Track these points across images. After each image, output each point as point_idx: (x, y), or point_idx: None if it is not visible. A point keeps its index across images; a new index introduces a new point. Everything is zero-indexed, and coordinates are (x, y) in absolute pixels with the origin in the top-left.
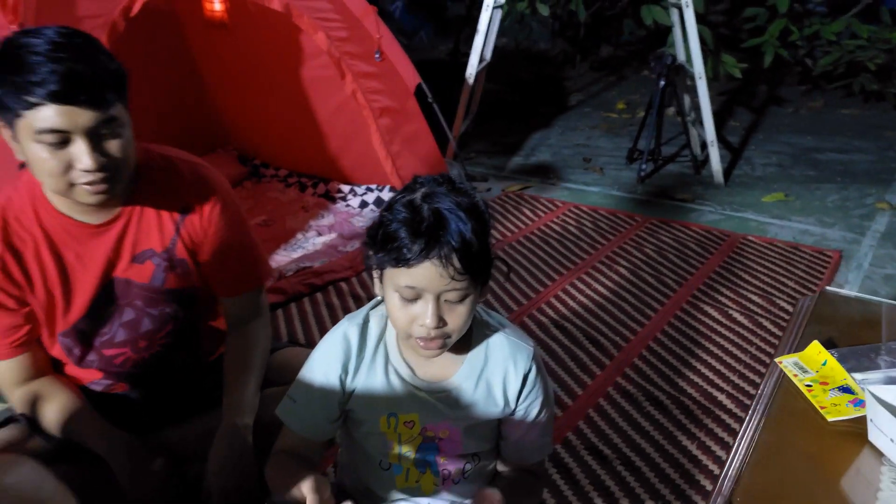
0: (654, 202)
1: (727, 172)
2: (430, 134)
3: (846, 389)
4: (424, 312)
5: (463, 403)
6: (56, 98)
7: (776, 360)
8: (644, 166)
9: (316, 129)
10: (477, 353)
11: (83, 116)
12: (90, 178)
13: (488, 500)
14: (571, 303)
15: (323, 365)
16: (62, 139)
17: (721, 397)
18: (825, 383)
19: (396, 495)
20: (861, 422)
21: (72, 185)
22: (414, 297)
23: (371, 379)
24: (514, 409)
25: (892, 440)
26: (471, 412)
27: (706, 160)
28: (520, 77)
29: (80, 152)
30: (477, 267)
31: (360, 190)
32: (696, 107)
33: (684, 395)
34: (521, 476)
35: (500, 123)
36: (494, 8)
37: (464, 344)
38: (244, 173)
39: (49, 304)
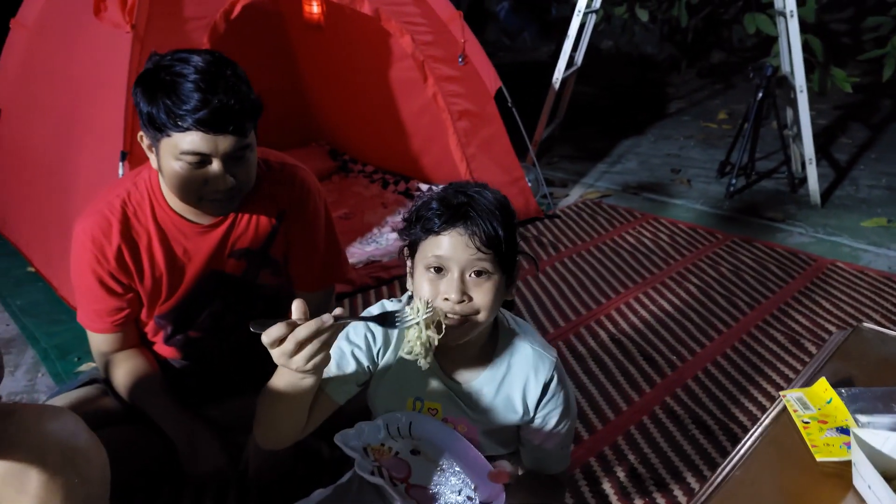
0: (739, 219)
1: (827, 192)
2: (507, 138)
3: (844, 431)
4: (450, 286)
5: (483, 407)
6: (204, 126)
7: (781, 393)
8: (734, 181)
9: (401, 129)
10: (501, 360)
11: (224, 143)
12: (220, 196)
13: (501, 469)
14: (632, 317)
15: (361, 328)
16: (202, 160)
17: None
18: (824, 422)
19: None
20: (850, 465)
21: (201, 199)
22: (439, 266)
23: (403, 359)
24: (533, 416)
25: (869, 486)
26: (490, 416)
27: (805, 178)
28: (619, 81)
29: (216, 174)
30: (501, 247)
31: (437, 189)
32: (798, 121)
33: (734, 423)
34: (544, 477)
35: (590, 129)
36: (587, 12)
37: (489, 350)
38: (333, 167)
39: (154, 291)
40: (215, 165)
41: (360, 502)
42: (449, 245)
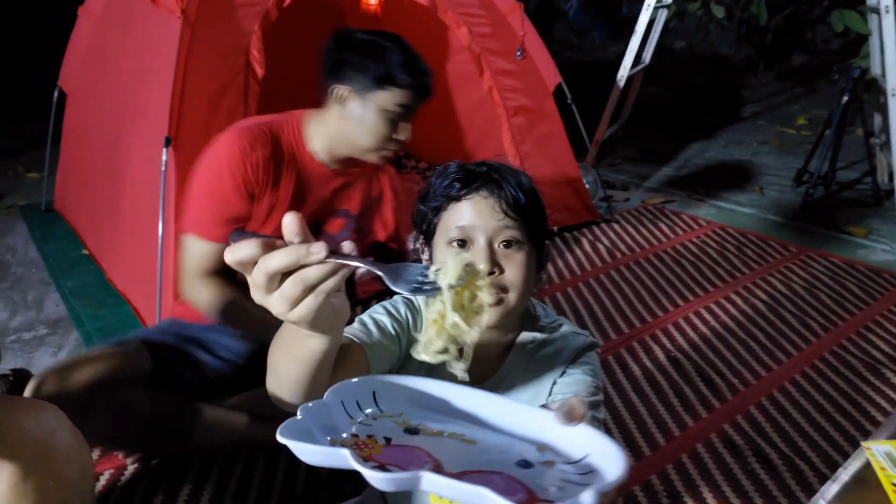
0: (815, 232)
1: None
2: (565, 136)
3: None
4: (477, 256)
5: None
6: (415, 91)
7: (864, 444)
8: (812, 190)
9: (456, 124)
10: (526, 346)
11: (415, 106)
12: (393, 150)
13: (571, 407)
14: (691, 333)
15: (402, 305)
16: (397, 117)
17: None
18: None
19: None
20: None
21: (377, 149)
22: (464, 237)
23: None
24: (550, 395)
25: None
26: None
27: (892, 191)
28: (690, 82)
29: (404, 130)
30: (530, 214)
31: None
32: (888, 128)
33: (801, 458)
34: None
35: (656, 130)
36: (657, 7)
37: (512, 336)
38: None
39: (265, 217)
40: (404, 124)
41: None
42: (473, 211)
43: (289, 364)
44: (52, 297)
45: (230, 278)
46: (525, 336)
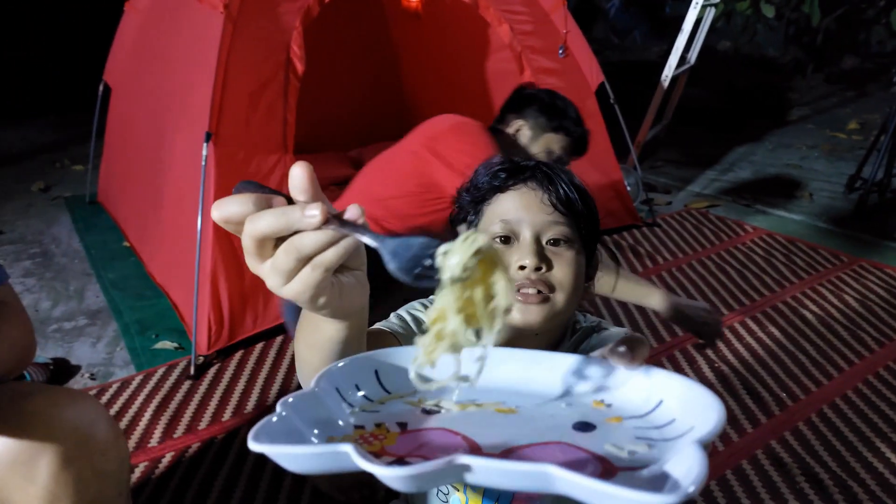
0: (869, 242)
1: None
2: (607, 137)
3: None
4: (523, 251)
5: None
6: (576, 144)
7: None
8: (866, 197)
9: None
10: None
11: (568, 159)
12: None
13: (623, 346)
14: (736, 344)
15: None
16: (553, 158)
17: None
18: None
19: None
20: None
21: None
22: (509, 233)
23: None
24: None
25: None
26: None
27: None
28: (736, 84)
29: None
30: (582, 212)
31: None
32: None
33: (853, 479)
34: None
35: (700, 132)
36: (705, 6)
37: (552, 348)
38: None
39: None
40: None
41: None
42: (520, 203)
43: (309, 352)
44: (93, 288)
45: None
46: (569, 333)
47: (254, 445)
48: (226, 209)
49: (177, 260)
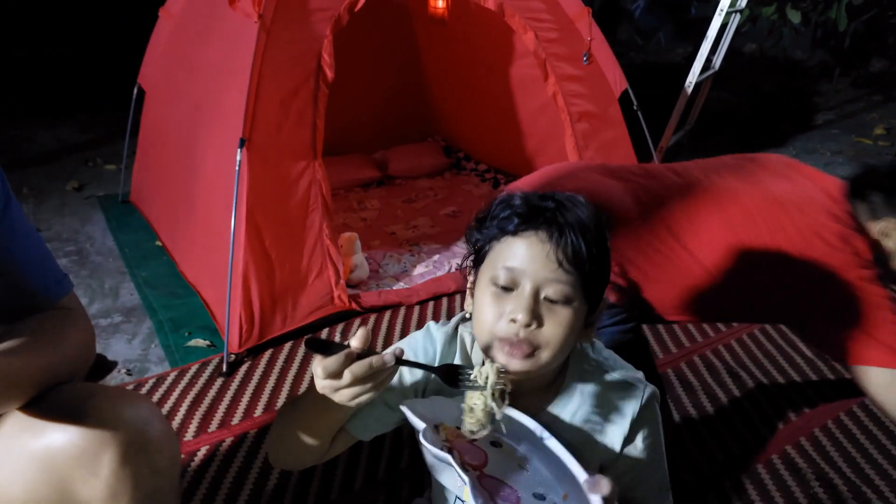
0: None
1: None
2: (630, 143)
3: None
4: (519, 304)
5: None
6: None
7: None
8: None
9: (517, 128)
10: (572, 392)
11: None
12: None
13: (599, 484)
14: (755, 350)
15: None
16: None
17: None
18: None
19: None
20: None
21: None
22: (510, 283)
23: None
24: (619, 455)
25: None
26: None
27: None
28: (761, 88)
29: None
30: (588, 267)
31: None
32: None
33: (868, 485)
34: None
35: (724, 138)
36: (731, 11)
37: (556, 379)
38: (447, 164)
39: None
40: None
41: None
42: (526, 253)
43: (311, 433)
44: (127, 286)
45: None
46: (574, 371)
47: (402, 407)
48: (330, 367)
49: (208, 260)
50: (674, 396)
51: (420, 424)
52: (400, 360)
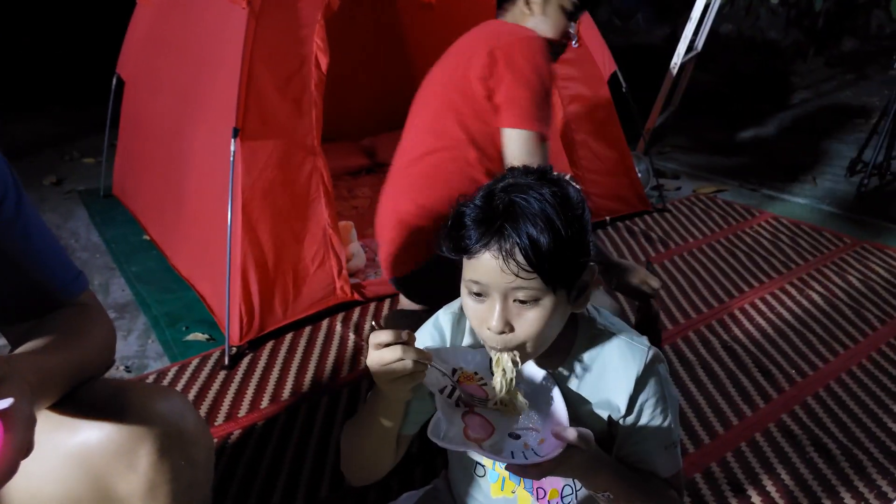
0: (870, 223)
1: None
2: (619, 125)
3: None
4: (490, 314)
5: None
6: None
7: None
8: (867, 181)
9: None
10: (582, 352)
11: (577, 18)
12: (566, 43)
13: (569, 430)
14: (747, 324)
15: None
16: (572, 17)
17: None
18: None
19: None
20: None
21: (560, 41)
22: (480, 292)
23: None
24: (626, 414)
25: None
26: (573, 414)
27: None
28: (739, 69)
29: (574, 27)
30: (551, 265)
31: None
32: None
33: (858, 447)
34: (647, 473)
35: (706, 118)
36: None
37: (565, 343)
38: None
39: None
40: (575, 24)
41: None
42: (485, 270)
43: (371, 437)
44: (118, 282)
45: None
46: (583, 335)
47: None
48: (382, 338)
49: (202, 254)
50: (672, 371)
51: (438, 368)
52: (421, 355)
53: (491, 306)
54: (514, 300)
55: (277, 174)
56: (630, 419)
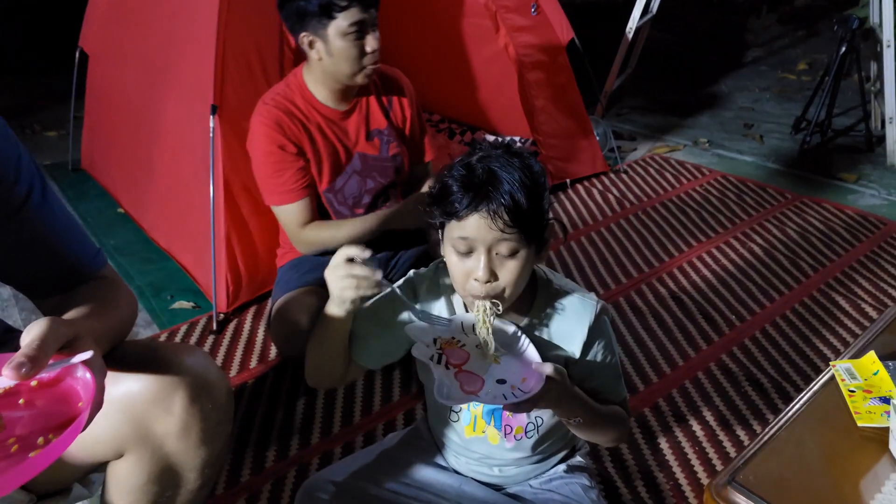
0: (811, 179)
1: None
2: (577, 90)
3: (887, 400)
4: (477, 266)
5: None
6: (359, 3)
7: (832, 363)
8: (809, 138)
9: (469, 79)
10: (539, 311)
11: (372, 14)
12: (373, 62)
13: (545, 366)
14: (694, 276)
15: (390, 301)
16: (361, 33)
17: None
18: (868, 391)
19: (471, 445)
20: (889, 431)
21: (357, 70)
22: (467, 249)
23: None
24: (580, 357)
25: None
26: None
27: (884, 137)
28: (696, 27)
29: (371, 42)
30: (527, 223)
31: (503, 141)
32: (882, 77)
33: (788, 382)
34: (605, 401)
35: (662, 78)
36: None
37: (527, 301)
38: None
39: (318, 170)
40: (371, 36)
41: (424, 449)
42: (473, 227)
43: (326, 344)
44: None
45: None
46: (542, 295)
47: (407, 330)
48: (356, 271)
49: (182, 226)
50: (626, 321)
51: (422, 339)
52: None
53: (477, 259)
54: (497, 253)
55: None
56: (588, 359)
